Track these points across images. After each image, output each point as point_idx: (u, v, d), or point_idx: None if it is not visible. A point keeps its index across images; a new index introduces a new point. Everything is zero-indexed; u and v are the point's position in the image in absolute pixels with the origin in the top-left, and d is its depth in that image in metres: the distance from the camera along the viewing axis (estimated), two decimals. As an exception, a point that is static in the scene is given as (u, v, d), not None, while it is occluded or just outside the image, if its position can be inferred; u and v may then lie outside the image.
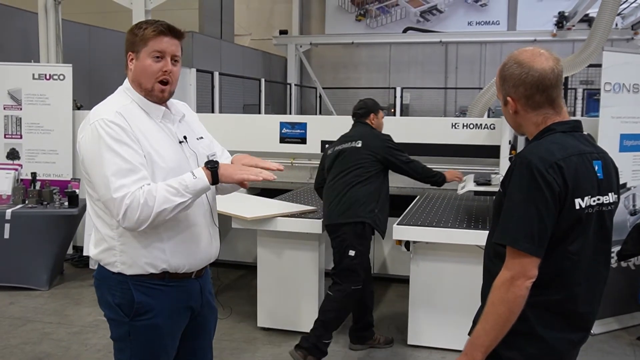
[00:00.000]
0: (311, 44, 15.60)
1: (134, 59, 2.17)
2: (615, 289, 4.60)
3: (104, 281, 2.20)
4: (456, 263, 3.99)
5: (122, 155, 2.03)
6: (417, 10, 16.07)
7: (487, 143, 5.22)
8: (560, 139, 1.81)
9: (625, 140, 4.56)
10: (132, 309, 2.15)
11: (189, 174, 2.06)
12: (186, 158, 2.22)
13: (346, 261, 3.87)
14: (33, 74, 6.09)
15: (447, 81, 15.84)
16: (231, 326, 4.57)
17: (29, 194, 5.60)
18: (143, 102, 2.18)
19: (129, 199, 1.99)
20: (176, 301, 2.22)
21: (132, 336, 2.18)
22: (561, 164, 1.74)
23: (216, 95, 9.74)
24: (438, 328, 4.07)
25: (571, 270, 1.80)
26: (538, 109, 1.85)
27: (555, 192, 1.72)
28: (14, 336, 4.36)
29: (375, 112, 4.25)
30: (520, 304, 1.73)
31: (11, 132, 6.11)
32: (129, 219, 2.01)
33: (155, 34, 2.13)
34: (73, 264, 6.12)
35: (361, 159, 3.97)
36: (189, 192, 2.04)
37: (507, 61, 1.89)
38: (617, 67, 4.50)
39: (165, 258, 2.16)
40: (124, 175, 2.01)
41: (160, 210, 2.01)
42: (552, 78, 1.82)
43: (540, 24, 14.02)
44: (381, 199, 3.99)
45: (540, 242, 1.72)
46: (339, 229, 3.90)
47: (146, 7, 7.07)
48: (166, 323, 2.21)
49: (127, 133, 2.06)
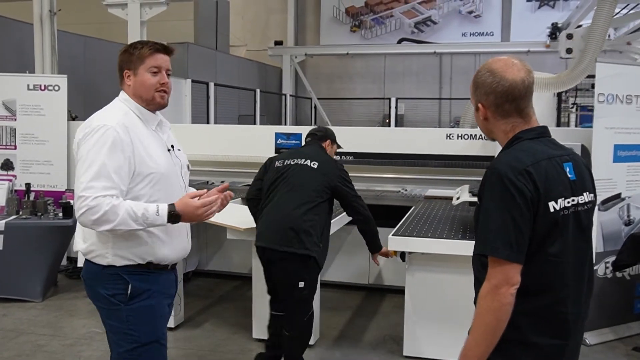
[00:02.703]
0: (306, 54, 15.64)
1: (131, 75, 2.45)
2: (611, 299, 4.61)
3: (94, 277, 2.40)
4: (452, 274, 3.99)
5: (108, 162, 2.24)
6: (411, 22, 16.14)
7: (482, 154, 5.24)
8: (528, 145, 1.86)
9: (619, 150, 4.58)
10: (127, 295, 2.35)
11: (153, 208, 2.27)
12: (174, 165, 2.49)
13: (296, 294, 3.60)
14: (28, 85, 6.08)
15: (442, 92, 15.89)
16: (226, 337, 4.55)
17: (23, 204, 5.57)
18: (141, 112, 2.45)
19: (93, 202, 2.19)
20: (162, 287, 2.47)
21: (130, 319, 2.36)
22: (530, 169, 1.78)
23: (211, 106, 9.74)
24: (434, 339, 4.06)
25: (555, 273, 1.82)
26: (507, 118, 1.91)
27: (527, 197, 1.76)
28: (7, 349, 4.32)
29: (332, 140, 4.09)
30: (507, 312, 1.75)
31: (5, 142, 6.09)
32: (85, 220, 2.23)
33: (151, 52, 2.42)
34: (67, 275, 6.08)
35: (315, 182, 3.66)
36: (146, 223, 2.27)
37: (481, 69, 1.94)
38: (610, 78, 4.53)
39: (152, 251, 2.39)
40: (96, 178, 2.22)
41: (117, 228, 2.23)
42: (521, 89, 1.87)
43: (534, 35, 14.10)
44: (324, 233, 3.70)
45: (519, 248, 1.75)
46: (284, 257, 3.56)
47: (142, 18, 7.10)
48: (158, 304, 2.44)
49: (124, 146, 2.28)
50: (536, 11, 15.22)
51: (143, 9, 7.12)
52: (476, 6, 15.71)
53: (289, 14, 16.34)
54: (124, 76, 2.47)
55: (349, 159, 5.64)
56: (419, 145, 5.46)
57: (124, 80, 2.47)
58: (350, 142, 5.63)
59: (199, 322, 4.86)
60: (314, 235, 3.58)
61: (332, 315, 4.99)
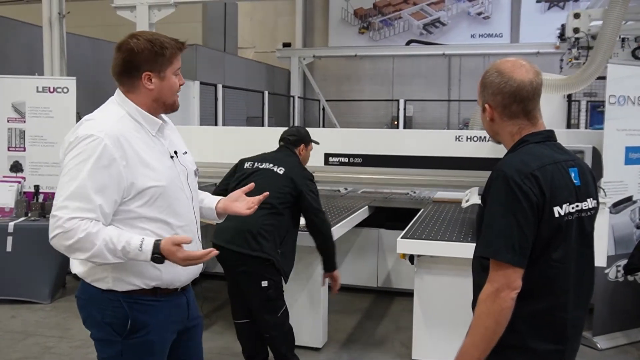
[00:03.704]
0: (314, 56, 15.64)
1: (154, 78, 2.11)
2: (623, 303, 4.56)
3: (91, 300, 2.14)
4: (461, 277, 3.94)
5: (89, 179, 1.96)
6: (420, 23, 16.11)
7: (492, 156, 5.20)
8: (534, 149, 1.85)
9: (630, 152, 4.53)
10: (126, 328, 2.09)
11: (137, 242, 1.98)
12: (177, 174, 2.19)
13: (261, 294, 3.56)
14: (37, 87, 6.10)
15: (451, 93, 15.86)
16: (234, 340, 4.52)
17: (31, 206, 5.59)
18: (142, 116, 2.13)
19: (66, 224, 1.93)
20: (167, 316, 2.19)
21: (125, 355, 2.12)
22: (537, 173, 1.77)
23: (219, 108, 9.76)
24: (443, 342, 4.02)
25: (557, 278, 1.81)
26: (514, 119, 1.89)
27: (533, 202, 1.74)
28: (15, 350, 4.33)
29: (307, 143, 3.98)
30: (506, 316, 1.74)
31: (15, 144, 6.11)
32: (57, 244, 1.98)
33: (177, 52, 2.14)
34: (75, 277, 6.08)
35: (279, 187, 3.59)
36: (127, 258, 2.00)
37: (489, 69, 1.93)
38: (621, 79, 4.48)
39: (159, 274, 2.12)
40: (72, 198, 1.96)
41: (92, 260, 1.99)
42: (529, 90, 1.86)
43: (543, 37, 14.03)
44: (287, 240, 3.63)
45: (522, 253, 1.74)
46: (244, 259, 3.51)
47: (150, 20, 7.12)
48: (158, 339, 2.18)
49: (113, 160, 1.99)
50: (546, 12, 15.16)
51: (151, 11, 7.15)
52: (485, 7, 15.67)
53: (297, 15, 16.37)
54: (142, 78, 2.10)
55: (358, 161, 5.62)
56: (427, 147, 5.43)
57: (141, 82, 2.10)
58: (359, 144, 5.63)
59: (207, 325, 4.85)
60: (270, 240, 3.52)
61: (341, 318, 4.97)
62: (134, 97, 2.14)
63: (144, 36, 2.12)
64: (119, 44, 2.14)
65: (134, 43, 2.09)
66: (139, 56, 2.08)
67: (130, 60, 2.10)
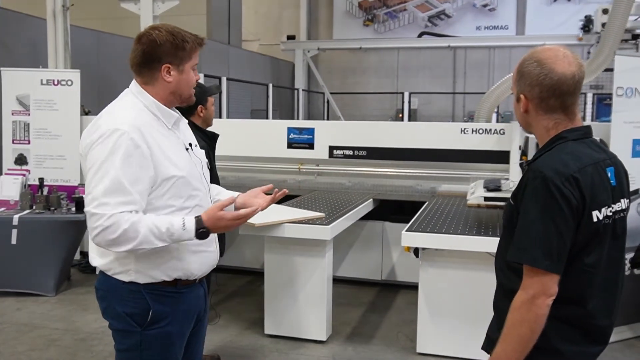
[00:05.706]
0: (319, 49, 15.59)
1: (174, 70, 2.12)
2: (629, 297, 4.53)
3: (111, 291, 2.14)
4: (466, 270, 3.94)
5: (123, 173, 1.97)
6: (425, 15, 16.03)
7: (497, 148, 5.18)
8: (573, 148, 1.75)
9: (637, 145, 4.49)
10: (147, 319, 2.11)
11: (179, 222, 2.03)
12: (194, 165, 2.22)
13: None
14: (41, 80, 6.10)
15: (456, 86, 15.78)
16: (238, 333, 4.53)
17: (36, 199, 5.59)
18: (159, 109, 2.15)
19: (108, 221, 1.94)
20: (187, 307, 2.22)
21: (144, 345, 2.13)
22: (577, 176, 1.67)
23: (224, 101, 9.75)
24: (448, 336, 4.02)
25: (588, 284, 1.75)
26: (550, 113, 1.78)
27: (573, 206, 1.66)
28: (21, 342, 4.34)
29: (204, 102, 3.63)
30: (541, 324, 1.67)
31: (19, 137, 6.12)
32: (101, 240, 1.98)
33: (195, 47, 2.16)
34: (80, 269, 6.10)
35: None
36: (172, 240, 2.03)
37: (528, 57, 1.80)
38: (629, 71, 4.44)
39: (181, 265, 2.15)
40: (110, 193, 1.96)
41: (139, 247, 1.99)
42: (571, 84, 1.74)
43: (549, 29, 13.96)
44: None
45: (560, 259, 1.66)
46: None
47: (154, 12, 7.10)
48: (177, 330, 2.19)
49: (141, 153, 2.01)
50: (552, 4, 15.05)
51: (155, 4, 7.12)
52: (491, -1, 15.57)
53: (302, 8, 16.31)
54: (162, 70, 2.10)
55: (362, 154, 5.60)
56: (432, 140, 5.41)
57: (160, 74, 2.11)
58: (363, 137, 5.62)
59: (212, 318, 4.85)
60: None
61: (345, 311, 4.96)
62: (151, 89, 2.15)
63: (166, 28, 2.12)
64: (139, 35, 2.14)
65: (156, 34, 2.09)
66: (161, 48, 2.09)
67: (150, 52, 2.10)
